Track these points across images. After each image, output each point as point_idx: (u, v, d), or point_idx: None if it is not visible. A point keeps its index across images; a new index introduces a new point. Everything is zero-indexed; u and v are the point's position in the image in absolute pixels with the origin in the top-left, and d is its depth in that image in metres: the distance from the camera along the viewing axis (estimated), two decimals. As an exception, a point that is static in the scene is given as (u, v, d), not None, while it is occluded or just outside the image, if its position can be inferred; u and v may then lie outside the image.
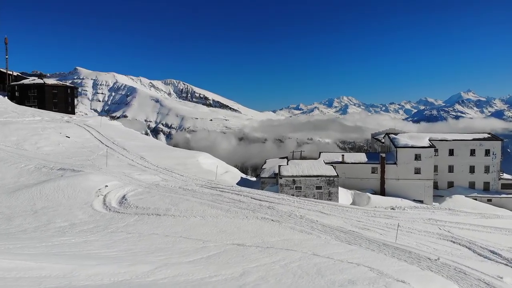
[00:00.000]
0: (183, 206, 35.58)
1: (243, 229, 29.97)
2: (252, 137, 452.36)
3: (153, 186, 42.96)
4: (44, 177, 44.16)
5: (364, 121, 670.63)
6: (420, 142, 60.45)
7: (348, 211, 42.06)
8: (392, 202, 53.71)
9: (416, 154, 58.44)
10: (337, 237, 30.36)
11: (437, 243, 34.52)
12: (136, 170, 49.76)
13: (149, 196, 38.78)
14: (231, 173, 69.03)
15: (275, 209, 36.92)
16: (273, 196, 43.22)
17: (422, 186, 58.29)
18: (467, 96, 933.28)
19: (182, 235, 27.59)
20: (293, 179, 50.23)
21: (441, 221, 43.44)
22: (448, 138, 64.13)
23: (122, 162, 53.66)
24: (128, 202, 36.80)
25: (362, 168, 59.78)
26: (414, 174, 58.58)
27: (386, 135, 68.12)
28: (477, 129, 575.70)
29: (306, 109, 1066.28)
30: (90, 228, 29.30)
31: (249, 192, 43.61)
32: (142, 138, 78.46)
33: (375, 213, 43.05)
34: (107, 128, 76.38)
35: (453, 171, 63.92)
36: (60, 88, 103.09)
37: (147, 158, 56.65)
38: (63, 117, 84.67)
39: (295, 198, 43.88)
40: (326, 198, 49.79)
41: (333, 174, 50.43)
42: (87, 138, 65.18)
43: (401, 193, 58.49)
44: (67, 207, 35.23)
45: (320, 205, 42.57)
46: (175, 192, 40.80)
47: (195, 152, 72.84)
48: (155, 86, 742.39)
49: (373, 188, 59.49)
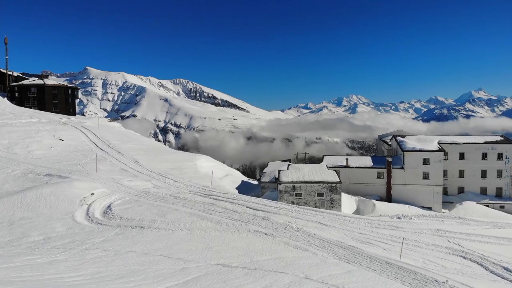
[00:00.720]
0: (170, 217, 33.06)
1: (231, 245, 27.35)
2: (260, 137, 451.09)
3: (143, 194, 40.48)
4: (30, 183, 41.87)
5: (373, 120, 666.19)
6: (428, 145, 57.30)
7: (350, 221, 39.24)
8: (398, 210, 50.78)
9: (424, 158, 55.31)
10: (335, 254, 27.62)
11: (446, 259, 31.65)
12: (127, 175, 47.33)
13: (136, 205, 36.31)
14: (232, 177, 66.52)
15: (270, 220, 34.24)
16: (269, 204, 40.53)
17: (431, 192, 55.19)
18: (478, 95, 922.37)
19: (163, 253, 25.04)
20: (293, 185, 47.46)
21: (450, 232, 40.50)
22: (458, 141, 60.87)
23: (114, 166, 51.28)
24: (113, 212, 34.35)
25: (367, 172, 56.81)
26: (422, 180, 55.46)
27: (393, 137, 65.05)
28: (488, 128, 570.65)
29: (314, 108, 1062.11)
30: (64, 244, 26.85)
31: (244, 200, 40.95)
32: (140, 140, 76.10)
33: (380, 223, 40.17)
34: (105, 130, 74.20)
35: (463, 176, 60.69)
36: (61, 89, 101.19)
37: (141, 162, 54.24)
38: (61, 119, 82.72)
39: (294, 207, 41.08)
40: (328, 206, 46.99)
41: (335, 180, 47.55)
42: (81, 141, 62.94)
43: (409, 199, 55.47)
44: (47, 218, 32.85)
45: (320, 214, 39.79)
46: (165, 201, 38.29)
47: (194, 154, 70.40)
48: (164, 85, 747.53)
49: (379, 194, 56.52)
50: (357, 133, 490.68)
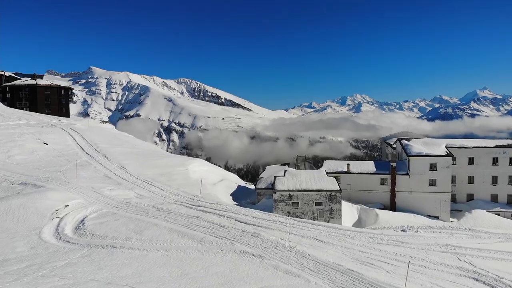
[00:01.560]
0: (147, 235, 29.56)
1: (212, 271, 23.82)
2: (264, 136, 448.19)
3: (123, 205, 37.01)
4: (2, 193, 38.50)
5: (377, 119, 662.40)
6: (435, 149, 53.48)
7: (350, 236, 35.58)
8: (403, 220, 47.13)
9: (431, 164, 51.48)
10: (331, 280, 24.04)
11: (456, 283, 27.92)
12: (110, 183, 43.85)
13: (113, 219, 32.84)
14: (227, 182, 63.00)
15: (260, 237, 30.66)
16: (262, 217, 36.95)
17: (438, 200, 51.39)
18: (483, 94, 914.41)
19: (129, 283, 21.56)
20: (289, 193, 43.79)
21: (460, 247, 36.77)
22: (467, 145, 56.99)
23: (98, 173, 47.84)
24: (85, 228, 30.88)
25: (370, 179, 53.07)
26: (428, 187, 51.64)
27: (397, 140, 61.24)
28: (493, 127, 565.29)
29: (318, 107, 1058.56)
30: (20, 269, 23.36)
31: (234, 212, 37.36)
32: (132, 142, 72.63)
33: (382, 238, 36.49)
34: (95, 132, 70.83)
35: (473, 182, 56.82)
36: (53, 89, 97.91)
37: (128, 168, 50.76)
38: (52, 120, 79.51)
39: (289, 219, 37.42)
40: (327, 216, 43.34)
41: (335, 188, 43.84)
42: (67, 145, 59.55)
43: (414, 207, 51.71)
44: (11, 235, 29.41)
45: (317, 228, 36.14)
46: (146, 213, 34.80)
47: (188, 158, 66.94)
48: (168, 85, 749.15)
49: (382, 201, 52.79)
50: (361, 133, 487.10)
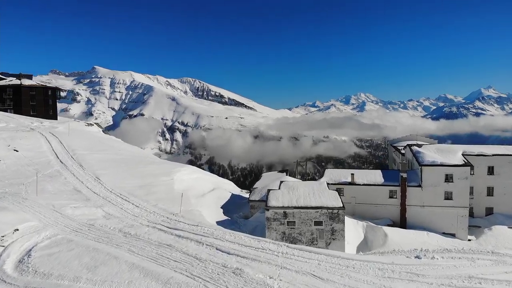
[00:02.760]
0: (102, 273, 23.68)
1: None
2: (267, 135, 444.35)
3: (84, 229, 31.15)
4: None
5: (381, 118, 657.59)
6: (451, 157, 47.35)
7: (355, 268, 29.48)
8: (416, 240, 41.14)
9: (447, 174, 45.29)
10: None
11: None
12: (76, 199, 38.00)
13: (66, 249, 26.96)
14: (219, 191, 57.33)
15: (243, 276, 24.68)
16: (249, 243, 30.86)
17: (454, 216, 45.27)
18: (488, 93, 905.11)
19: None
20: (284, 211, 37.82)
21: (486, 280, 30.62)
22: (486, 153, 50.73)
23: (66, 186, 42.01)
24: (29, 263, 25.05)
25: (377, 191, 47.01)
26: (444, 200, 45.48)
27: (407, 146, 55.15)
28: (498, 127, 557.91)
29: (322, 107, 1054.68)
30: None
31: (216, 237, 31.36)
32: (117, 147, 66.73)
33: (394, 269, 30.39)
34: (77, 136, 65.13)
35: (492, 194, 50.56)
36: (39, 90, 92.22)
37: (103, 179, 44.94)
38: (33, 123, 73.94)
39: (282, 246, 31.31)
40: (329, 238, 37.34)
41: (338, 205, 37.78)
42: (41, 152, 53.82)
43: (427, 224, 45.62)
44: None
45: (315, 258, 30.00)
46: (109, 241, 28.89)
47: (177, 165, 60.99)
48: (172, 84, 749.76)
49: (391, 217, 46.74)
50: (365, 132, 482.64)
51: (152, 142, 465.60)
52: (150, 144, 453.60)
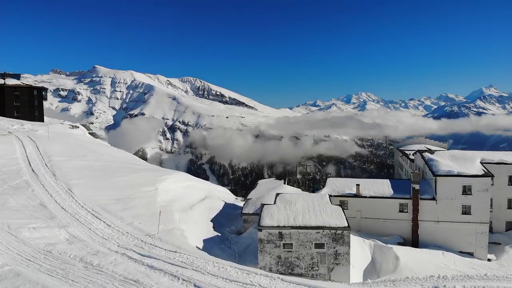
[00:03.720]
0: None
1: None
2: (268, 135, 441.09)
3: (40, 257, 25.86)
4: None
5: (383, 118, 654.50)
6: (468, 166, 42.05)
7: (363, 308, 24.31)
8: (431, 262, 36.03)
9: (464, 186, 40.07)
10: None
11: None
12: (39, 217, 32.72)
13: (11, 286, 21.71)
14: (211, 200, 52.43)
15: (224, 327, 19.45)
16: (235, 278, 25.39)
17: (473, 233, 40.05)
18: (489, 92, 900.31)
19: None
20: (280, 231, 32.58)
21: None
22: (508, 161, 45.46)
23: (32, 200, 36.73)
24: (-46, 310, 19.86)
25: (385, 204, 41.77)
26: (461, 215, 40.31)
27: (417, 152, 49.88)
28: (500, 126, 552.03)
29: (323, 106, 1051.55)
30: None
31: (196, 268, 25.98)
32: (101, 152, 61.37)
33: (410, 308, 25.20)
34: (57, 141, 59.93)
35: (514, 207, 45.54)
36: (24, 90, 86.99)
37: (76, 191, 39.68)
38: (12, 126, 68.72)
39: (274, 279, 25.99)
40: (331, 263, 32.11)
41: (342, 224, 32.49)
42: (12, 158, 48.60)
43: (442, 241, 40.47)
44: None
45: (315, 295, 24.81)
46: (64, 274, 23.55)
47: (164, 173, 55.63)
48: (172, 83, 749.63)
49: (401, 233, 41.50)
50: (366, 131, 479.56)
51: (153, 142, 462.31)
52: (151, 144, 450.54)
